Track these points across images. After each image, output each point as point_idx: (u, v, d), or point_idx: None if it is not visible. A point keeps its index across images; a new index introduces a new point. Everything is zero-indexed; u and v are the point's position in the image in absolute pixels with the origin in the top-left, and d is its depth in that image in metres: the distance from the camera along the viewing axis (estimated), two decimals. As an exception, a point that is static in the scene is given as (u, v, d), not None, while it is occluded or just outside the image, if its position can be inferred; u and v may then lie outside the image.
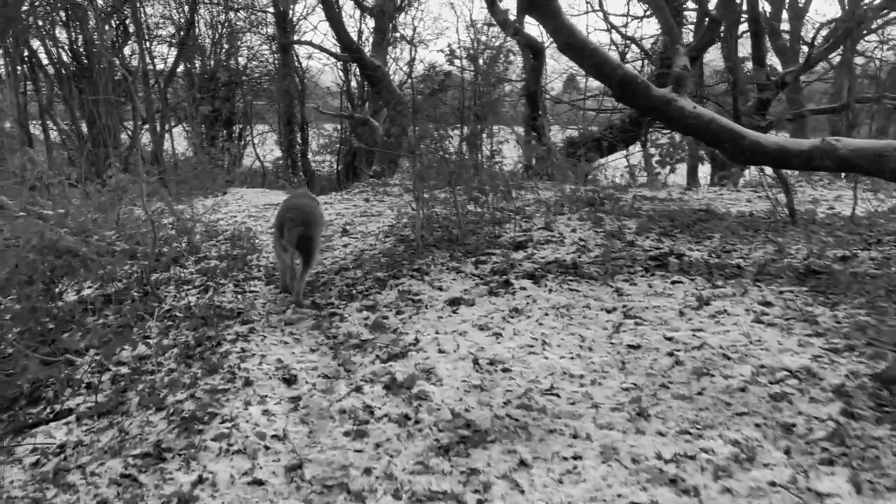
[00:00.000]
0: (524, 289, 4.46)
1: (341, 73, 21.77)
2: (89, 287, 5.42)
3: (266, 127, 23.12)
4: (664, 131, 14.52)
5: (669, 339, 3.61)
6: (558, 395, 3.12)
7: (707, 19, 10.01)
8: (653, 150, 6.75)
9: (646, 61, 13.85)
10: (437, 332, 3.93)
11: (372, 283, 4.93)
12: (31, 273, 4.42)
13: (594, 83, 17.37)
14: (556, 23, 4.59)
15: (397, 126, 10.51)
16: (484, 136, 7.78)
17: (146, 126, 14.03)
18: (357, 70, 19.49)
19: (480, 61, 5.94)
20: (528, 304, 4.23)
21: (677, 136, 7.21)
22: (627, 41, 13.99)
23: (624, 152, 13.76)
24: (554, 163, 9.52)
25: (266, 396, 3.27)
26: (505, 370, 3.40)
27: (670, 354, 3.43)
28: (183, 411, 3.13)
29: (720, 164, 11.40)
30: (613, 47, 14.23)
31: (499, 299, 4.35)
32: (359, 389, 3.30)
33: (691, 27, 14.06)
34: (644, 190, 8.19)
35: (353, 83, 21.84)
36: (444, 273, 4.90)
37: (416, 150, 5.40)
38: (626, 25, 14.57)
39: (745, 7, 11.32)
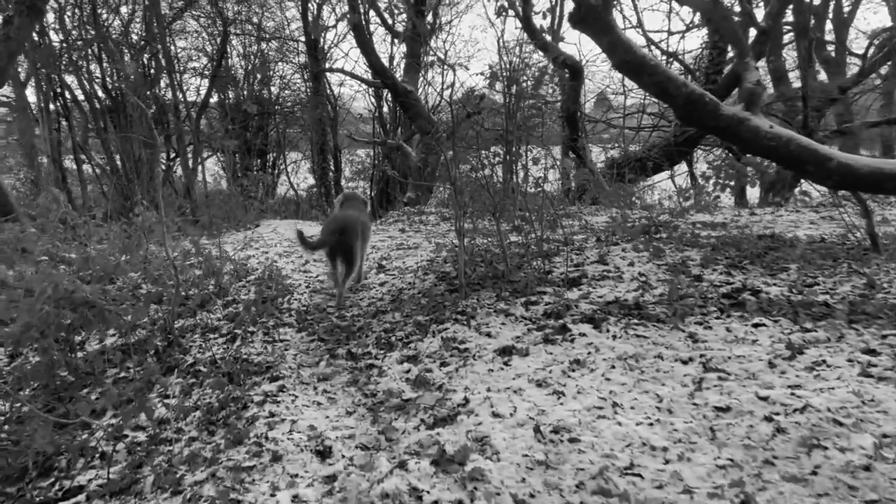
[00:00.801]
0: (584, 335, 3.97)
1: (373, 99, 21.67)
2: (113, 335, 5.11)
3: (299, 155, 23.06)
4: (709, 149, 13.94)
5: (764, 398, 3.08)
6: (641, 476, 2.61)
7: (756, 31, 9.46)
8: (709, 171, 6.22)
9: (689, 77, 13.28)
10: (488, 390, 3.46)
11: (413, 329, 4.49)
12: (46, 326, 4.09)
13: (631, 100, 16.85)
14: (610, 38, 4.14)
15: (433, 156, 10.14)
16: (526, 160, 7.35)
17: (178, 159, 13.95)
18: (389, 96, 19.34)
19: (522, 83, 5.51)
20: (589, 354, 3.73)
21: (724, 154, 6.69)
22: (668, 57, 13.46)
23: (668, 172, 13.23)
24: (599, 186, 9.02)
25: (297, 476, 2.82)
26: (573, 440, 2.91)
27: (768, 419, 2.90)
28: (202, 497, 2.70)
29: (771, 184, 10.78)
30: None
31: (556, 348, 3.86)
32: (403, 465, 2.84)
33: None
34: (698, 214, 7.64)
35: (386, 108, 21.71)
36: (492, 316, 4.44)
37: (455, 181, 4.97)
38: (665, 41, 14.08)
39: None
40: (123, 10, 15.27)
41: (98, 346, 4.96)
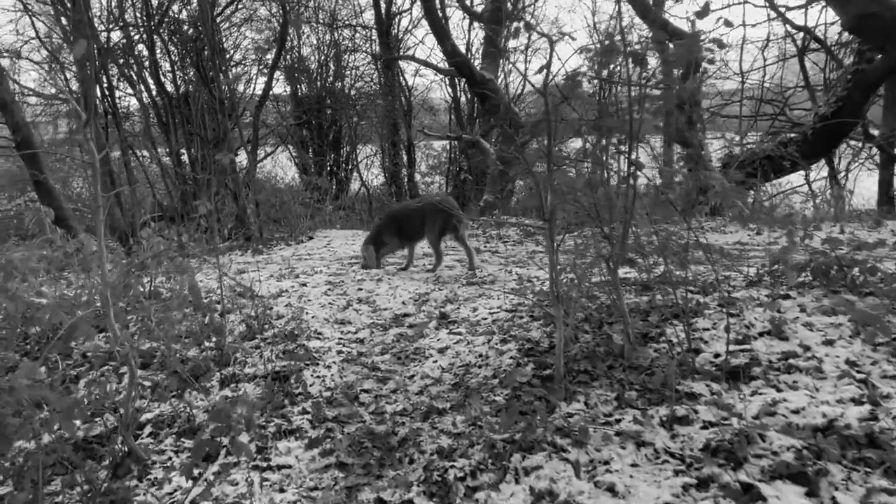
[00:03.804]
0: (793, 514, 2.18)
1: (449, 90, 20.05)
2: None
3: (373, 149, 21.71)
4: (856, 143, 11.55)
5: None
6: None
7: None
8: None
9: (829, 59, 10.89)
10: None
11: (483, 457, 2.80)
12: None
13: (749, 83, 14.48)
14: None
15: (514, 165, 8.46)
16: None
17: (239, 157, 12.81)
18: (466, 85, 17.74)
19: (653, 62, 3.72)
20: (818, 571, 1.95)
21: None
22: (801, 32, 11.11)
23: (801, 174, 10.94)
24: (729, 194, 7.03)
25: None
26: None
27: None
28: None
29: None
30: (789, 41, 11.41)
31: (744, 544, 2.10)
32: None
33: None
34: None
35: (463, 99, 20.03)
36: (613, 446, 2.69)
37: (552, 218, 3.26)
38: (785, 9, 11.58)
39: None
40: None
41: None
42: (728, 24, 3.55)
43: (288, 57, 18.56)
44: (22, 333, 4.58)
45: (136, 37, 13.15)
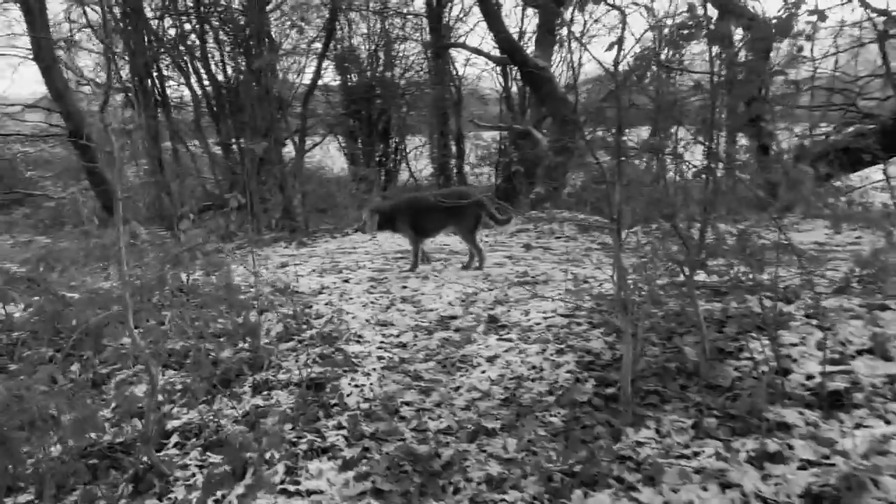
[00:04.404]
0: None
1: (500, 79, 19.60)
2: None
3: (421, 140, 21.44)
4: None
5: None
6: None
7: None
8: None
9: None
10: None
11: (538, 491, 2.45)
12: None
13: (822, 70, 13.61)
14: None
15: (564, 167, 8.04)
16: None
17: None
18: (518, 74, 17.27)
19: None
20: None
21: None
22: (885, 18, 10.25)
23: (881, 167, 10.13)
24: (806, 190, 6.46)
25: None
26: None
27: None
28: None
29: None
30: (868, 26, 10.57)
31: None
32: None
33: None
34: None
35: (514, 89, 19.57)
36: (692, 486, 2.30)
37: (620, 217, 2.87)
38: None
39: None
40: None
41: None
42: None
43: (338, 46, 18.41)
44: (54, 328, 4.43)
45: (188, 26, 13.09)
